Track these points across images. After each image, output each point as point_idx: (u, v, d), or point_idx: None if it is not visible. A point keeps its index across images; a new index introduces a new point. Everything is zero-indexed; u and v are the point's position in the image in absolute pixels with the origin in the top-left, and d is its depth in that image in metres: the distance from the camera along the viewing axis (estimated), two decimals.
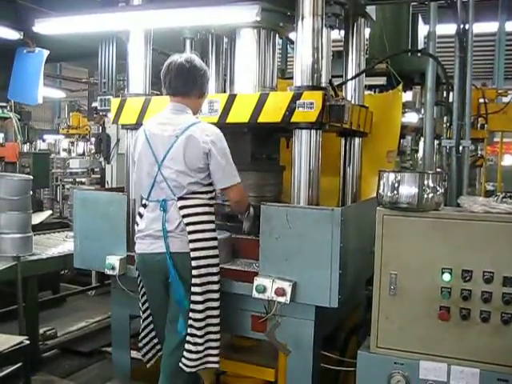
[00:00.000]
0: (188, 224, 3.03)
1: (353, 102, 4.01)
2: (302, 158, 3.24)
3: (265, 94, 3.32)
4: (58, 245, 5.58)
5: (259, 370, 3.55)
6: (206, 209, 3.10)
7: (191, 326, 3.06)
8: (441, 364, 2.64)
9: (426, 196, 2.66)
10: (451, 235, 2.62)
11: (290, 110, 3.18)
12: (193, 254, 3.03)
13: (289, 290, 3.02)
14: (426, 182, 2.67)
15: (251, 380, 3.69)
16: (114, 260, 3.60)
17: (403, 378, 2.69)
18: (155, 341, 3.44)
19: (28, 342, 3.63)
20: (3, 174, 6.48)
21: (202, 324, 3.06)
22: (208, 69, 3.29)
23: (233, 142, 3.23)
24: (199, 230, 3.05)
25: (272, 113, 3.25)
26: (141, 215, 3.22)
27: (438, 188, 2.70)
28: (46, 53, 6.33)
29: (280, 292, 3.03)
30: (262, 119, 3.29)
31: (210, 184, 3.12)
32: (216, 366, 3.20)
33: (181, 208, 3.04)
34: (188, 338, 3.07)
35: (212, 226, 3.13)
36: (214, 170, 3.05)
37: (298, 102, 3.16)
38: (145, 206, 3.20)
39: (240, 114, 3.36)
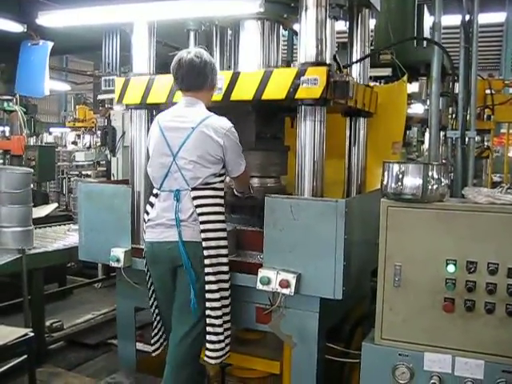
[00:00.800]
0: (201, 214, 3.08)
1: None
2: (306, 135, 3.22)
3: (269, 71, 3.29)
4: (60, 238, 5.59)
5: (264, 363, 3.57)
6: (218, 200, 3.16)
7: (209, 316, 3.10)
8: (445, 356, 2.63)
9: (430, 187, 2.65)
10: (456, 226, 2.61)
11: (294, 86, 3.15)
12: (204, 244, 3.07)
13: (293, 282, 3.02)
14: (430, 174, 2.65)
15: (256, 372, 3.71)
16: (118, 252, 3.61)
17: (408, 369, 2.69)
18: (162, 331, 3.46)
19: (32, 334, 3.64)
20: (4, 167, 6.49)
21: (219, 313, 3.10)
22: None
23: (237, 121, 3.24)
24: (211, 220, 3.10)
25: (276, 90, 3.22)
26: (152, 204, 3.26)
27: (443, 179, 2.68)
28: (50, 44, 6.34)
29: (284, 284, 3.03)
30: (266, 96, 3.26)
31: (222, 175, 3.19)
32: (227, 356, 3.23)
33: (194, 198, 3.09)
34: (208, 328, 3.11)
35: (222, 217, 3.18)
36: (229, 161, 3.16)
37: (302, 78, 3.12)
38: (156, 195, 3.23)
39: (244, 92, 3.33)
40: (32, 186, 8.03)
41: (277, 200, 3.16)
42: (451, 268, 2.60)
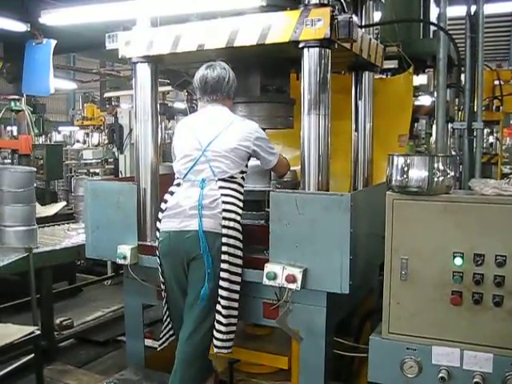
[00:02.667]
0: (224, 202, 3.13)
1: None
2: (311, 130, 3.20)
3: (272, 15, 3.24)
4: (60, 237, 5.53)
5: (272, 358, 3.57)
6: (239, 195, 3.23)
7: (218, 303, 3.13)
8: (453, 349, 2.61)
9: (436, 179, 2.62)
10: (462, 219, 2.58)
11: (298, 28, 3.11)
12: (224, 231, 3.10)
13: (299, 277, 3.00)
14: (435, 165, 2.62)
15: (265, 368, 3.70)
16: (125, 249, 3.60)
17: (416, 363, 2.67)
18: (169, 326, 3.47)
19: (39, 332, 3.64)
20: (6, 166, 6.46)
21: (226, 303, 3.12)
22: None
23: (243, 74, 3.29)
24: (233, 210, 3.15)
25: (280, 32, 3.18)
26: (172, 193, 3.28)
27: (449, 171, 2.65)
28: (53, 42, 6.35)
29: (291, 279, 3.01)
30: (269, 40, 3.21)
31: (244, 172, 3.30)
32: (230, 351, 3.23)
33: (220, 187, 3.16)
34: (217, 315, 3.14)
35: (240, 211, 3.23)
36: (260, 158, 3.33)
37: (305, 19, 3.09)
38: (178, 185, 3.28)
39: (248, 36, 3.27)
40: (39, 184, 8.08)
41: (282, 195, 3.15)
42: (458, 261, 2.58)
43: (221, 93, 3.33)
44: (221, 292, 3.12)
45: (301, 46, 3.16)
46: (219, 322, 3.14)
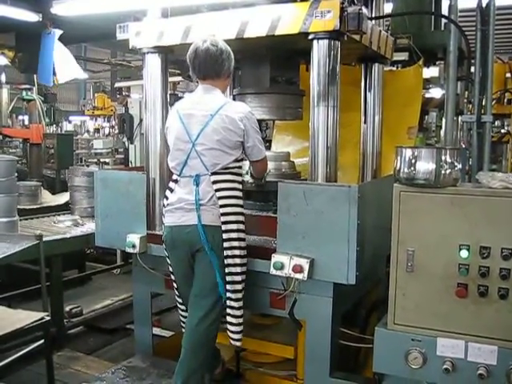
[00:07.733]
0: (220, 198, 3.10)
1: None
2: (319, 121, 3.21)
3: (282, 6, 3.24)
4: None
5: (279, 348, 3.60)
6: (236, 185, 3.19)
7: (229, 299, 3.15)
8: (458, 341, 2.62)
9: (443, 172, 2.62)
10: (469, 211, 2.58)
11: (308, 19, 3.12)
12: (224, 227, 3.09)
13: (306, 267, 3.02)
14: (443, 158, 2.62)
15: (271, 357, 3.73)
16: (134, 238, 3.64)
17: (420, 354, 2.68)
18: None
19: (49, 318, 3.67)
20: None
21: (239, 295, 3.16)
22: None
23: (252, 65, 3.26)
24: (231, 204, 3.13)
25: (289, 24, 3.18)
26: (171, 190, 3.28)
27: (456, 164, 2.66)
28: (58, 33, 6.33)
29: (297, 269, 3.03)
30: (279, 31, 3.22)
31: (241, 161, 3.23)
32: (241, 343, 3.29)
33: (214, 182, 3.11)
34: (228, 310, 3.17)
35: (241, 201, 3.21)
36: (250, 145, 3.18)
37: (315, 11, 3.09)
38: (176, 181, 3.26)
39: (257, 28, 3.28)
40: (50, 173, 8.11)
41: (290, 186, 3.17)
42: (464, 253, 2.58)
43: (211, 70, 3.18)
44: (235, 286, 3.14)
45: (310, 37, 3.17)
46: (236, 316, 3.17)
